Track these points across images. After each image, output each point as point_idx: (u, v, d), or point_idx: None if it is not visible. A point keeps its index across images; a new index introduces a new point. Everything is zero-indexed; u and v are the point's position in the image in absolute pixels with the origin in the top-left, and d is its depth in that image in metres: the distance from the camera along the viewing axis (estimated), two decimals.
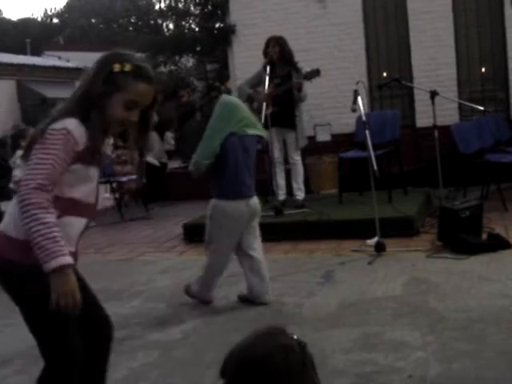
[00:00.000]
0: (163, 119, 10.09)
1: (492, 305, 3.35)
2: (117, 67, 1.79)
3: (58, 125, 1.73)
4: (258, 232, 3.69)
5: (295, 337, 1.25)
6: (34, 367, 3.03)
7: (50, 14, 32.06)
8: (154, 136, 8.36)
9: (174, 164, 9.53)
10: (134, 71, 1.80)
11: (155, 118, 2.05)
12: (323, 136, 7.11)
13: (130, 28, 22.23)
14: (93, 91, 1.78)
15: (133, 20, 23.23)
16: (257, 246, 3.67)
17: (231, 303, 3.80)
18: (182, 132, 9.99)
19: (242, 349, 1.23)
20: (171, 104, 10.93)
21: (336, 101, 7.11)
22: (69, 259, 1.67)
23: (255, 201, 3.60)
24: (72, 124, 1.74)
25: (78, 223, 1.83)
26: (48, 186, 1.67)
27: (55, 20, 31.68)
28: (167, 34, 13.60)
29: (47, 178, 1.67)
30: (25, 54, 20.30)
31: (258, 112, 5.58)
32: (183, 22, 10.79)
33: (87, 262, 5.26)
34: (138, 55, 1.90)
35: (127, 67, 1.79)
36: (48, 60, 18.31)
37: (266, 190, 6.24)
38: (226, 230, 3.53)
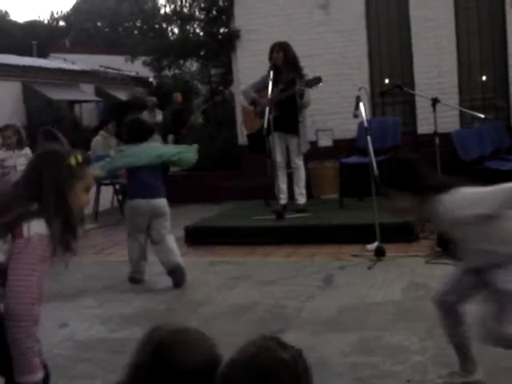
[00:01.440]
0: (167, 122, 10.17)
1: None
2: (73, 161, 1.92)
3: (37, 228, 1.81)
4: (166, 228, 4.38)
5: (288, 349, 1.25)
6: None
7: (56, 16, 32.25)
8: (157, 138, 8.40)
9: (175, 167, 9.57)
10: (84, 159, 1.96)
11: (160, 118, 2.13)
12: (325, 141, 7.14)
13: (135, 31, 22.32)
14: (58, 190, 1.88)
15: (138, 24, 23.32)
16: (166, 238, 4.39)
17: (231, 306, 3.83)
18: (180, 136, 10.04)
19: (246, 360, 1.21)
20: (172, 107, 11.00)
21: (338, 106, 7.14)
22: (40, 375, 1.83)
23: (160, 202, 4.34)
24: (44, 228, 1.83)
25: None
26: (38, 298, 1.81)
27: (61, 23, 31.84)
28: (172, 38, 13.66)
29: (38, 291, 1.80)
30: (31, 55, 20.41)
31: (261, 116, 5.63)
32: (188, 27, 10.85)
33: (88, 263, 5.31)
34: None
35: (79, 157, 1.94)
36: (54, 62, 18.40)
37: (267, 193, 6.28)
38: (132, 222, 4.37)
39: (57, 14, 32.92)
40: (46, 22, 31.65)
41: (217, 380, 1.24)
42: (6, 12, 38.14)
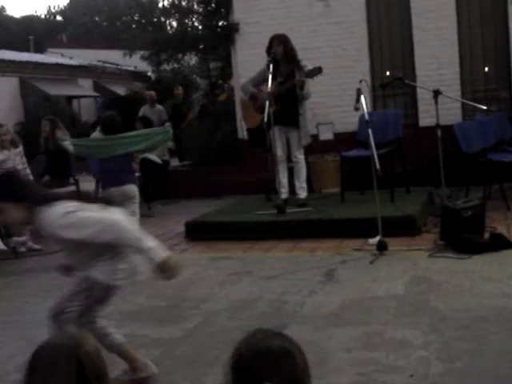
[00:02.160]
0: (169, 116, 10.12)
1: (493, 304, 3.35)
2: None
3: None
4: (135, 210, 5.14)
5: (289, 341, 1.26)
6: None
7: (53, 11, 32.10)
8: None
9: (175, 162, 9.54)
10: None
11: (164, 115, 2.06)
12: (326, 134, 7.10)
13: (134, 25, 22.22)
14: None
15: (136, 18, 23.22)
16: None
17: (232, 302, 3.81)
18: (180, 130, 9.99)
19: (257, 352, 1.22)
20: (172, 101, 10.94)
21: (339, 99, 7.10)
22: None
23: (128, 187, 5.06)
24: None
25: None
26: None
27: (58, 17, 31.70)
28: (170, 31, 13.60)
29: None
30: (28, 51, 20.30)
31: (261, 110, 5.58)
32: (186, 20, 10.78)
33: None
34: None
35: None
36: (51, 57, 18.30)
37: (268, 188, 6.24)
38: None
39: (54, 8, 32.86)
40: (43, 16, 31.51)
41: (232, 373, 1.24)
42: (3, 7, 37.95)
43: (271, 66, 5.53)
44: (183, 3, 10.47)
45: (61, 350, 1.27)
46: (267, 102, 5.38)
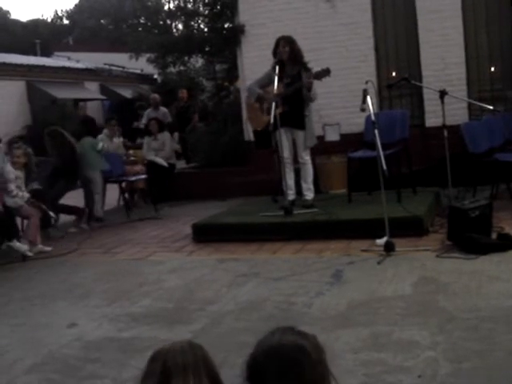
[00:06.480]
0: (173, 119, 10.14)
1: (501, 304, 3.34)
2: None
3: None
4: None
5: (307, 337, 1.26)
6: (43, 367, 3.07)
7: (59, 14, 32.29)
8: (166, 136, 8.38)
9: (182, 164, 9.56)
10: None
11: (168, 118, 1.96)
12: (332, 136, 7.10)
13: (140, 28, 22.30)
14: None
15: (142, 20, 23.30)
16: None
17: (240, 303, 3.81)
18: (186, 133, 10.01)
19: (269, 351, 1.21)
20: (177, 104, 10.97)
21: (345, 100, 7.09)
22: None
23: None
24: None
25: None
26: None
27: (65, 21, 31.88)
28: (176, 34, 13.61)
29: None
30: (35, 54, 20.43)
31: (268, 112, 5.59)
32: (192, 23, 10.79)
33: (96, 261, 5.31)
34: None
35: None
36: (58, 61, 18.42)
37: (275, 189, 6.24)
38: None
39: (60, 12, 33.01)
40: (49, 20, 31.68)
41: (244, 372, 1.25)
42: (8, 11, 38.18)
43: (277, 68, 5.53)
44: (189, 6, 10.49)
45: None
46: (273, 104, 5.38)
